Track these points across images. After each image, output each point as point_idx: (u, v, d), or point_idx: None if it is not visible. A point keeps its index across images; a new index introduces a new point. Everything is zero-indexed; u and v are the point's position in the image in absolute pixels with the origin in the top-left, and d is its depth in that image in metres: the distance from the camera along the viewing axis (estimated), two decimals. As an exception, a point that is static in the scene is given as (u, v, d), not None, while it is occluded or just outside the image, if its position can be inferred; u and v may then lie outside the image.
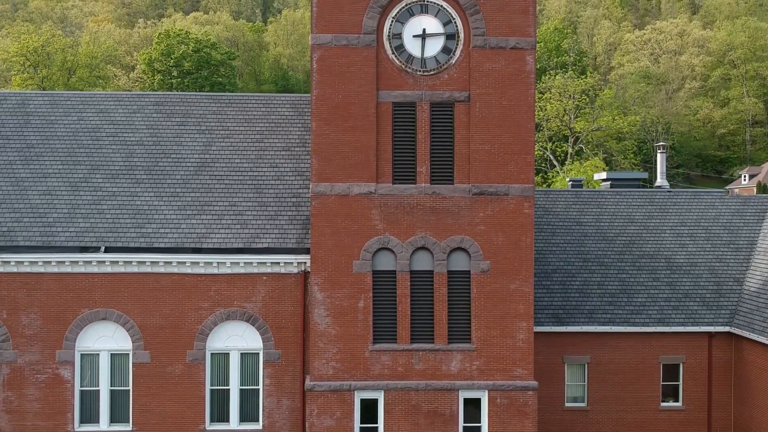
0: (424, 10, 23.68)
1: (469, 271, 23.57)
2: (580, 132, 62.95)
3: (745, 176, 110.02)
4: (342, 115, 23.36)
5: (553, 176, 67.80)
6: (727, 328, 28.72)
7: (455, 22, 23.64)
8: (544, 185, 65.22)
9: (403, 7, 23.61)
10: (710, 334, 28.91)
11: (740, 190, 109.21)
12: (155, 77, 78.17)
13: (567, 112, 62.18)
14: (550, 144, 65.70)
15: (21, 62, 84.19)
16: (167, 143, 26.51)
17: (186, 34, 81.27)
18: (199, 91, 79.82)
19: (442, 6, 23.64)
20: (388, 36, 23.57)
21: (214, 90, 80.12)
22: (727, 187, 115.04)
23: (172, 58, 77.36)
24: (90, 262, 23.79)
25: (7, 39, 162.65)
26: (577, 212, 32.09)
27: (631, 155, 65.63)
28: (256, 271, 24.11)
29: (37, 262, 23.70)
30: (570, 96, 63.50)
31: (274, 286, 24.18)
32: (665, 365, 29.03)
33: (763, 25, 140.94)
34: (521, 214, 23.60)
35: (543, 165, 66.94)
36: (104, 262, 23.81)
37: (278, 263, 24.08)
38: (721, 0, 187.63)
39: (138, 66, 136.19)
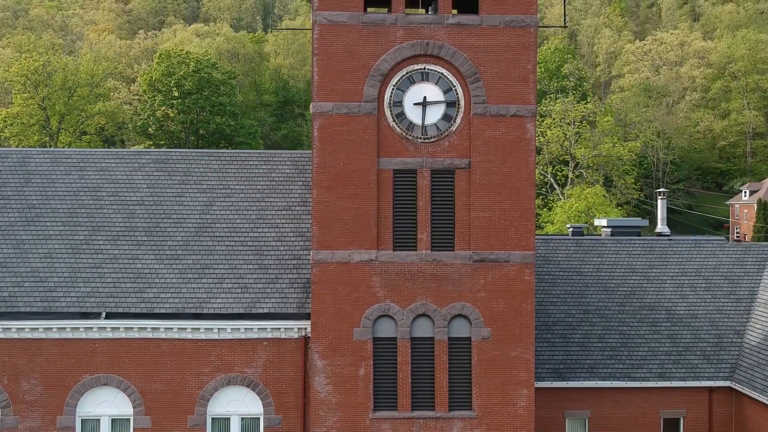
0: (425, 77, 23.71)
1: (470, 338, 23.60)
2: (580, 159, 63.02)
3: (745, 192, 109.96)
4: (343, 183, 23.39)
5: (553, 199, 67.81)
6: (727, 383, 28.73)
7: (456, 90, 23.67)
8: (545, 209, 65.22)
9: (404, 75, 23.64)
10: (711, 389, 28.91)
11: (741, 206, 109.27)
12: (156, 98, 78.21)
13: (567, 137, 62.27)
14: (551, 168, 65.76)
15: (22, 82, 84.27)
16: (168, 203, 26.53)
17: (186, 54, 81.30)
18: (200, 112, 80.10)
19: (442, 74, 23.67)
20: (389, 104, 23.60)
21: (215, 110, 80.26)
22: (728, 203, 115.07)
23: (172, 79, 77.39)
24: (91, 328, 23.83)
25: (8, 49, 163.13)
26: (578, 261, 32.09)
27: (632, 180, 65.69)
28: (256, 336, 24.14)
29: (38, 328, 23.74)
30: (570, 122, 63.53)
31: (274, 351, 24.21)
32: (666, 419, 29.04)
33: (764, 37, 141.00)
34: (522, 281, 23.62)
35: (543, 189, 66.96)
36: (105, 328, 23.84)
37: (279, 329, 24.10)
38: (722, 9, 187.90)
39: (138, 78, 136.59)
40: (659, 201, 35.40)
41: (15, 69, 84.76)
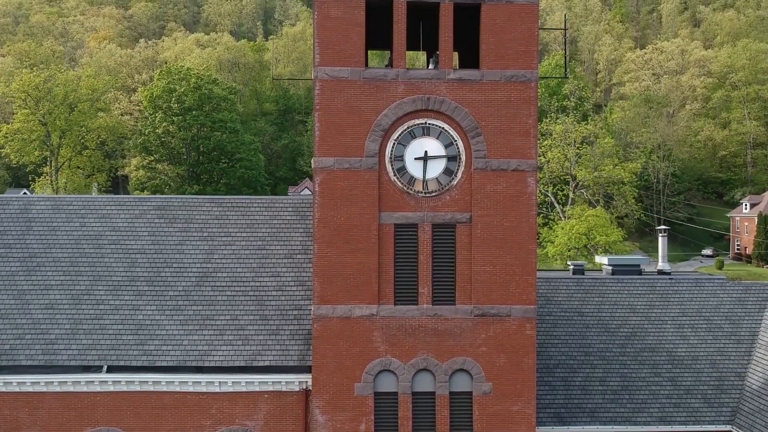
0: (426, 132, 23.73)
1: (471, 392, 23.61)
2: (581, 180, 63.05)
3: (746, 205, 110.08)
4: (344, 238, 23.41)
5: (554, 218, 67.81)
6: (728, 427, 28.73)
7: (457, 145, 23.70)
8: (545, 228, 65.20)
9: (405, 130, 23.66)
10: (712, 433, 28.92)
11: (741, 219, 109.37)
12: (157, 114, 78.27)
13: (568, 158, 62.31)
14: (551, 188, 65.78)
15: (23, 98, 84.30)
16: (169, 251, 26.55)
17: (187, 70, 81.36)
18: (200, 128, 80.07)
19: (443, 128, 23.69)
20: (390, 158, 23.62)
21: (215, 126, 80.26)
22: (729, 215, 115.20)
23: (173, 95, 77.46)
24: (92, 381, 23.83)
25: (9, 58, 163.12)
26: (578, 301, 32.09)
27: (632, 200, 65.74)
28: (257, 389, 24.16)
29: (39, 382, 23.75)
30: (571, 143, 63.58)
31: (275, 404, 24.22)
32: (666, 463, 29.02)
33: (764, 47, 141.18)
34: (523, 335, 23.64)
35: (544, 209, 67.00)
36: (107, 381, 23.85)
37: (280, 382, 24.12)
38: (722, 16, 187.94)
39: (139, 92, 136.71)
40: (660, 238, 35.46)
41: (16, 85, 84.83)
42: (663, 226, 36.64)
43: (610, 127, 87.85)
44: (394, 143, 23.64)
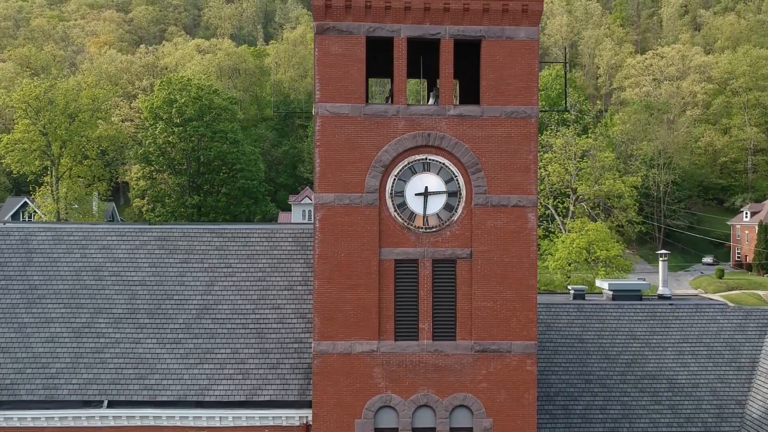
0: (426, 168, 23.75)
1: (472, 428, 23.61)
2: (581, 194, 63.09)
3: (746, 213, 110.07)
4: (344, 274, 23.42)
5: (554, 230, 67.84)
6: (729, 457, 28.74)
7: (457, 180, 23.71)
8: (546, 240, 65.21)
9: (406, 166, 23.68)
10: (712, 463, 28.90)
11: (742, 227, 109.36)
12: (157, 125, 78.31)
13: (568, 171, 62.37)
14: (552, 200, 65.83)
15: (23, 108, 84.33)
16: (170, 283, 26.56)
17: (187, 81, 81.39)
18: (200, 139, 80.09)
19: (444, 164, 23.71)
20: (391, 194, 23.64)
21: (216, 137, 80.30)
22: (729, 223, 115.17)
23: (174, 106, 77.51)
24: (93, 417, 23.84)
25: (9, 63, 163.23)
26: (579, 328, 32.08)
27: (633, 214, 65.80)
28: (258, 424, 24.17)
29: (40, 417, 23.76)
30: (571, 157, 63.63)
31: (276, 439, 24.21)
32: (667, 492, 29.02)
33: (765, 53, 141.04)
34: (524, 371, 23.65)
35: (545, 222, 67.07)
36: (107, 416, 23.86)
37: (280, 417, 24.13)
38: (723, 20, 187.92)
39: (139, 99, 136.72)
40: (660, 263, 35.43)
41: (16, 95, 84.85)
42: (663, 251, 36.60)
43: (611, 140, 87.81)
44: (394, 179, 23.66)
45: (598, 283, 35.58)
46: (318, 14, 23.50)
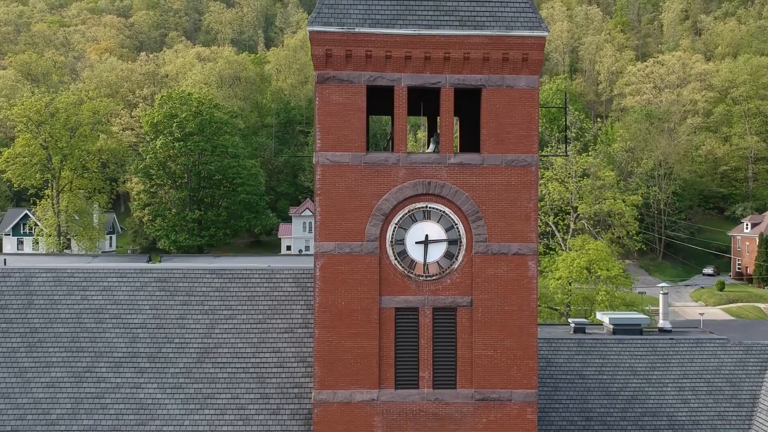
0: (427, 216, 23.76)
1: (472, 476, 23.60)
2: (582, 213, 63.15)
3: (747, 224, 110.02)
4: (345, 322, 23.43)
5: (554, 247, 67.83)
6: (729, 496, 28.73)
7: (457, 228, 23.72)
8: (546, 257, 65.20)
9: (406, 214, 23.69)
10: (713, 502, 28.89)
11: (743, 238, 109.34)
12: (158, 140, 78.35)
13: (569, 189, 62.40)
14: (552, 217, 65.87)
15: (24, 122, 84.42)
16: (170, 326, 26.57)
17: (188, 95, 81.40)
18: (201, 154, 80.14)
19: (444, 212, 23.72)
20: (391, 242, 23.65)
21: (216, 152, 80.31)
22: (730, 233, 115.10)
23: (174, 121, 77.53)
24: (93, 464, 23.85)
25: (10, 70, 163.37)
26: (579, 363, 32.07)
27: (634, 231, 65.80)
28: (258, 471, 24.17)
29: (40, 465, 23.78)
30: (571, 175, 63.63)
31: (277, 486, 24.21)
32: None
33: (765, 61, 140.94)
34: (525, 419, 23.64)
35: (545, 239, 67.10)
36: (108, 464, 23.88)
37: (281, 464, 24.14)
38: (723, 26, 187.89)
39: (139, 105, 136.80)
40: (660, 296, 35.46)
41: (17, 109, 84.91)
42: (664, 284, 36.62)
43: (612, 157, 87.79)
44: (395, 227, 23.66)
45: (599, 315, 35.60)
46: (319, 64, 23.51)
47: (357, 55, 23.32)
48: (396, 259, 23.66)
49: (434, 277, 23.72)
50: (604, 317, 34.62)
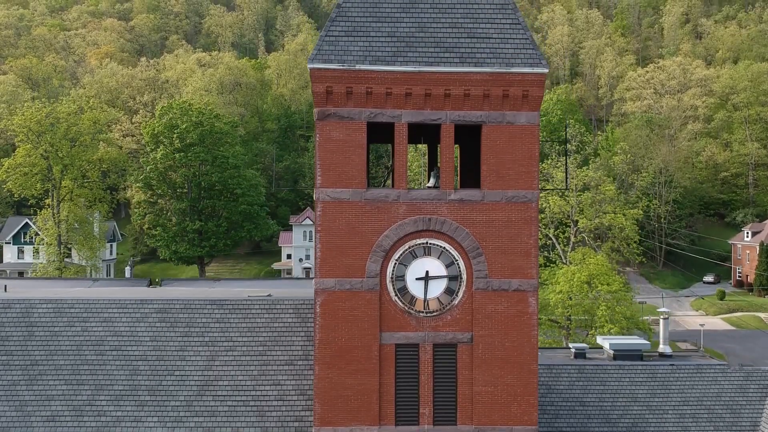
0: (427, 252, 23.76)
1: None
2: (582, 228, 63.14)
3: (747, 233, 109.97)
4: (345, 359, 23.43)
5: (555, 260, 67.84)
6: None
7: (458, 264, 23.72)
8: (547, 270, 65.18)
9: (407, 250, 23.68)
10: None
11: (743, 247, 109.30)
12: (158, 151, 78.38)
13: (569, 203, 62.36)
14: (553, 230, 65.86)
15: (25, 132, 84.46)
16: (171, 358, 26.57)
17: (189, 106, 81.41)
18: (201, 165, 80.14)
19: (444, 248, 23.72)
20: (391, 278, 23.64)
21: (217, 162, 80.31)
22: (731, 241, 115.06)
23: (175, 132, 77.57)
24: (94, 500, 23.85)
25: (10, 75, 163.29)
26: (580, 390, 32.07)
27: (634, 245, 65.82)
28: (259, 506, 24.17)
29: (41, 501, 23.78)
30: (572, 189, 63.61)
31: None
32: None
33: (765, 67, 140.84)
34: (524, 455, 23.63)
35: (545, 252, 67.09)
36: (108, 500, 23.88)
37: (281, 499, 24.14)
38: (724, 31, 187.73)
39: (141, 111, 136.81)
40: (661, 321, 35.46)
41: (18, 120, 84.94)
42: (664, 309, 36.61)
43: (612, 170, 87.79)
44: (395, 263, 23.66)
45: (599, 340, 35.60)
46: (319, 100, 23.52)
47: (358, 92, 23.33)
48: (396, 295, 23.66)
49: (435, 313, 23.73)
50: (604, 342, 34.63)
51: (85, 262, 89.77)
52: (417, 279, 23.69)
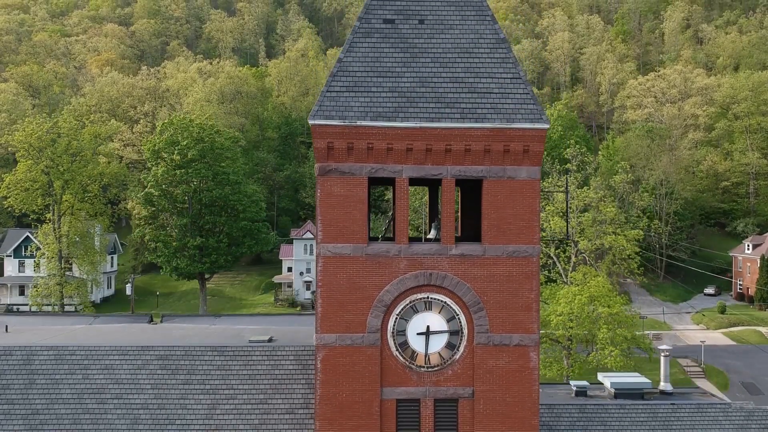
0: (428, 307, 23.77)
1: None
2: (583, 249, 63.14)
3: (748, 245, 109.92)
4: (346, 414, 23.45)
5: (555, 278, 67.85)
6: None
7: (459, 319, 23.73)
8: (548, 288, 65.16)
9: (407, 305, 23.70)
10: None
11: (744, 259, 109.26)
12: (159, 167, 78.42)
13: (570, 224, 62.31)
14: (554, 249, 65.86)
15: (26, 148, 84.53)
16: (172, 407, 26.53)
17: (190, 121, 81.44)
18: (201, 181, 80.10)
19: (446, 303, 23.73)
20: (392, 333, 23.66)
21: (218, 179, 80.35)
22: (731, 253, 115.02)
23: (176, 148, 77.61)
24: None
25: (11, 83, 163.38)
26: (581, 430, 32.04)
27: (635, 265, 65.82)
28: None
29: None
30: (573, 209, 63.62)
31: None
32: None
33: (765, 76, 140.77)
34: None
35: (546, 270, 67.08)
36: None
37: None
38: (725, 37, 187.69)
39: (141, 120, 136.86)
40: (662, 358, 35.43)
41: (19, 136, 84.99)
42: (665, 346, 36.60)
43: (614, 190, 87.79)
44: (396, 318, 23.68)
45: (600, 377, 35.56)
46: (320, 156, 23.53)
47: (359, 148, 23.35)
48: (397, 350, 23.68)
49: (436, 368, 23.74)
50: (605, 380, 34.58)
51: (86, 276, 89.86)
52: (418, 334, 23.71)
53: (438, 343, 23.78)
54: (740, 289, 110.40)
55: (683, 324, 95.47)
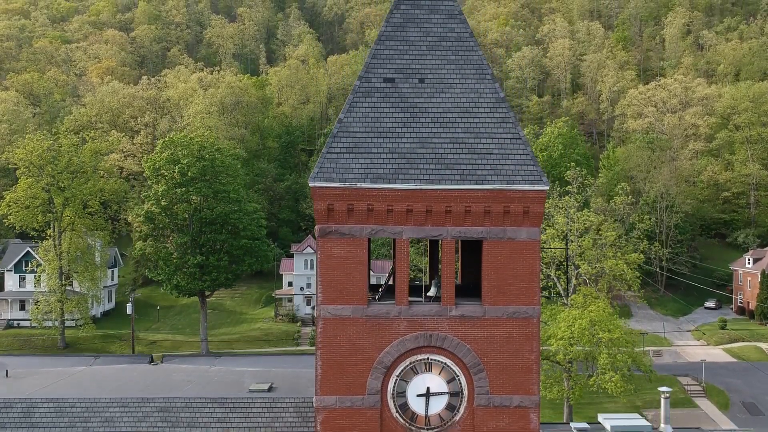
0: (428, 368, 23.75)
1: None
2: (583, 273, 63.06)
3: (749, 260, 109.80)
4: (346, 475, 23.38)
5: (555, 299, 67.76)
6: None
7: (459, 380, 23.70)
8: (548, 309, 65.06)
9: (408, 366, 23.67)
10: None
11: (744, 273, 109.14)
12: (160, 186, 78.38)
13: (570, 248, 62.30)
14: (554, 270, 65.73)
15: (26, 165, 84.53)
16: (172, 461, 26.51)
17: (190, 139, 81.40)
18: (202, 199, 79.93)
19: (446, 364, 23.71)
20: (392, 395, 23.64)
21: (218, 197, 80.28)
22: (732, 267, 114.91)
23: (176, 167, 77.57)
24: None
25: (11, 92, 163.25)
26: (581, 475, 32.07)
27: (636, 287, 65.79)
28: None
29: None
30: (573, 232, 63.58)
31: None
32: None
33: (766, 86, 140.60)
34: None
35: (547, 293, 66.97)
36: None
37: None
38: (726, 45, 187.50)
39: (142, 131, 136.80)
40: (662, 400, 35.43)
41: (19, 153, 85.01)
42: (665, 388, 36.61)
43: (614, 212, 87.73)
44: (396, 380, 23.65)
45: (600, 419, 35.55)
46: (320, 218, 23.51)
47: (359, 209, 23.33)
48: (397, 411, 23.65)
49: (436, 430, 23.71)
50: (606, 422, 34.57)
51: (87, 292, 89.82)
52: (418, 395, 23.69)
53: (438, 405, 23.76)
54: (741, 303, 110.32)
55: (684, 339, 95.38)
